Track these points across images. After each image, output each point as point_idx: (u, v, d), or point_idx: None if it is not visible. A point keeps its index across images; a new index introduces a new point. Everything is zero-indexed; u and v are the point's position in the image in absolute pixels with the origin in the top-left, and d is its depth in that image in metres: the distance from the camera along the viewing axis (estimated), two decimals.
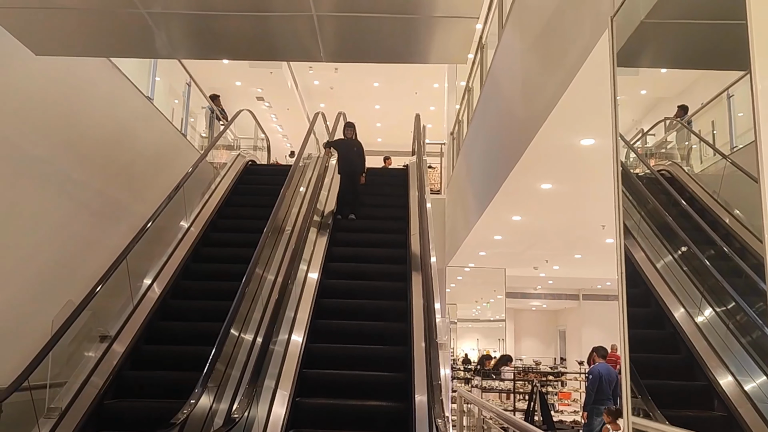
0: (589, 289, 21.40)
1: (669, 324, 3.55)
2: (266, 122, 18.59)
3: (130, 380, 5.59)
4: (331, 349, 5.92)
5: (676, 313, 3.53)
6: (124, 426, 4.90)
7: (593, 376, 8.83)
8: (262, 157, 13.01)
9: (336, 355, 5.88)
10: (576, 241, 10.97)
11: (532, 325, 26.90)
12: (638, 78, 4.34)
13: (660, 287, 3.69)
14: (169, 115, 9.21)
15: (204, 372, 4.64)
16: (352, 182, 8.86)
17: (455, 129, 12.40)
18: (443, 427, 3.43)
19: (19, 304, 5.35)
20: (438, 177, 14.28)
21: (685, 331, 3.41)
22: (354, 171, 8.93)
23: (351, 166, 8.92)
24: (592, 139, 5.50)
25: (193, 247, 7.58)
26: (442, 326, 5.21)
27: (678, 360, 3.49)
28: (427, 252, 6.14)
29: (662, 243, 3.82)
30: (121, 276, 5.98)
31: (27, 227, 5.52)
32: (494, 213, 8.54)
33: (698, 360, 3.21)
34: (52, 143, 5.88)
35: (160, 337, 6.18)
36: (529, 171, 6.54)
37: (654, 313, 3.70)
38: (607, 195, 4.04)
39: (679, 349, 3.44)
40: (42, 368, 4.71)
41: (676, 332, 3.47)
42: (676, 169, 3.86)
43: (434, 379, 4.32)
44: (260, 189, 9.43)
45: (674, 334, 3.49)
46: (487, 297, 17.83)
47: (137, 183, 7.74)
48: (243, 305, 5.57)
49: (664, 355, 3.71)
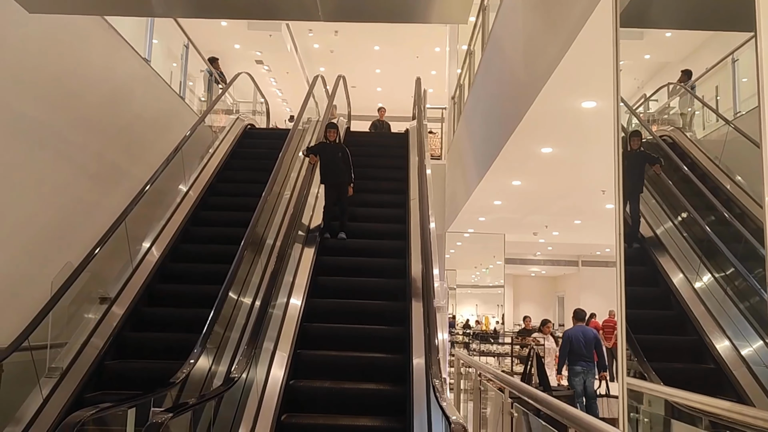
0: (588, 256, 21.46)
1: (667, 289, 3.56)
2: (265, 86, 18.42)
3: (130, 341, 5.64)
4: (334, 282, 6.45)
5: (675, 278, 3.53)
6: (124, 385, 4.95)
7: (563, 339, 9.15)
8: (262, 121, 12.91)
9: (338, 286, 6.39)
10: (576, 207, 10.96)
11: (531, 291, 27.08)
12: (642, 42, 4.27)
13: (659, 252, 3.69)
14: (167, 78, 9.10)
15: (203, 332, 4.68)
16: (337, 194, 7.48)
17: (456, 93, 12.27)
18: (440, 388, 3.46)
19: (18, 266, 5.36)
20: (438, 142, 14.19)
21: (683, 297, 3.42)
22: (340, 181, 7.51)
23: (335, 175, 7.51)
24: (593, 101, 5.44)
25: (192, 210, 7.58)
26: (440, 290, 5.23)
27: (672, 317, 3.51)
28: (426, 217, 6.12)
29: (662, 209, 3.82)
30: (120, 239, 5.99)
31: (25, 189, 5.50)
32: (494, 178, 8.51)
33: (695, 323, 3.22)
34: (48, 105, 5.82)
35: (159, 299, 6.22)
36: (529, 135, 6.49)
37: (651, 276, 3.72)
38: (607, 159, 4.01)
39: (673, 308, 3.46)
40: (42, 329, 4.74)
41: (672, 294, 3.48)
42: (678, 135, 3.83)
43: (432, 340, 4.34)
44: (259, 153, 9.38)
45: (669, 292, 3.52)
46: (486, 263, 17.90)
47: (135, 146, 7.69)
48: (241, 268, 5.59)
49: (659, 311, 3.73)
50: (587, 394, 8.71)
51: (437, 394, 3.45)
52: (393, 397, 4.87)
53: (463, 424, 2.68)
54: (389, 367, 5.27)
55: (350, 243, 7.25)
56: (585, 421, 2.03)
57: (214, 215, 7.76)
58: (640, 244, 3.75)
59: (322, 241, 7.02)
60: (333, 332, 5.70)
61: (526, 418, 3.44)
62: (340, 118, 10.75)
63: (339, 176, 7.49)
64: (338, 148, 7.67)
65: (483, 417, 5.26)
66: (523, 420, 3.47)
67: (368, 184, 8.60)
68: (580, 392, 8.72)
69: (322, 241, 7.03)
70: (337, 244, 7.20)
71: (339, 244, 7.19)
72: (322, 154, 7.61)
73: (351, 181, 7.57)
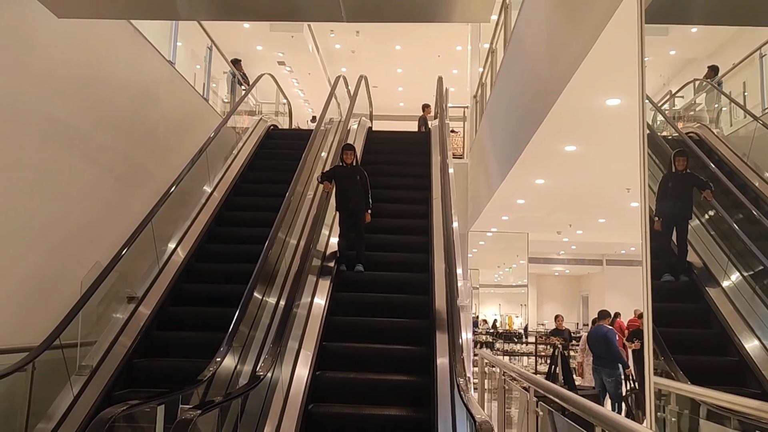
0: (612, 255, 21.22)
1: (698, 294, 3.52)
2: (288, 87, 18.53)
3: (158, 340, 5.73)
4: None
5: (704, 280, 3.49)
6: (152, 383, 5.02)
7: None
8: (284, 122, 13.00)
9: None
10: (600, 205, 10.85)
11: (555, 291, 26.85)
12: (668, 38, 4.22)
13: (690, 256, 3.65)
14: (191, 80, 9.21)
15: (229, 330, 4.74)
16: (354, 222, 6.86)
17: (478, 92, 12.23)
18: (464, 386, 3.47)
19: (48, 265, 5.48)
20: (461, 141, 14.15)
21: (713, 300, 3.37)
22: (356, 208, 6.86)
23: (352, 201, 6.85)
24: (617, 99, 5.39)
25: (216, 211, 7.67)
26: (463, 289, 5.23)
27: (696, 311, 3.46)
28: (449, 216, 6.13)
29: None
30: (147, 239, 6.08)
31: (54, 191, 5.61)
32: (517, 176, 8.46)
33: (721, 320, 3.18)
34: (76, 107, 5.93)
35: (185, 298, 6.31)
36: (553, 133, 6.45)
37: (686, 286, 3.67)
38: (632, 157, 3.97)
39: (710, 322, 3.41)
40: (72, 328, 4.84)
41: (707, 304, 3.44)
42: (704, 132, 3.78)
43: (455, 339, 4.35)
44: (282, 153, 9.46)
45: (707, 308, 3.45)
46: (509, 262, 17.79)
47: (161, 148, 7.80)
48: (266, 268, 5.65)
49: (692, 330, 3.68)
50: (609, 394, 8.70)
51: (461, 392, 3.46)
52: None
53: (489, 422, 2.68)
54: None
55: (374, 238, 7.27)
56: (609, 419, 2.03)
57: (239, 215, 7.84)
58: (689, 276, 3.49)
59: (338, 274, 6.59)
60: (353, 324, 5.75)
61: (551, 417, 3.42)
62: (362, 118, 10.78)
63: (355, 202, 6.84)
64: (356, 172, 6.98)
65: (507, 416, 5.25)
66: (549, 419, 3.46)
67: (392, 181, 8.75)
68: (599, 390, 8.83)
69: (338, 273, 6.59)
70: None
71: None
72: (338, 178, 6.96)
73: (369, 207, 6.94)
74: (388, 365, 5.39)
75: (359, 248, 6.77)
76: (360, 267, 6.66)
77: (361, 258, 6.72)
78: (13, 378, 4.34)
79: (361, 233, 6.83)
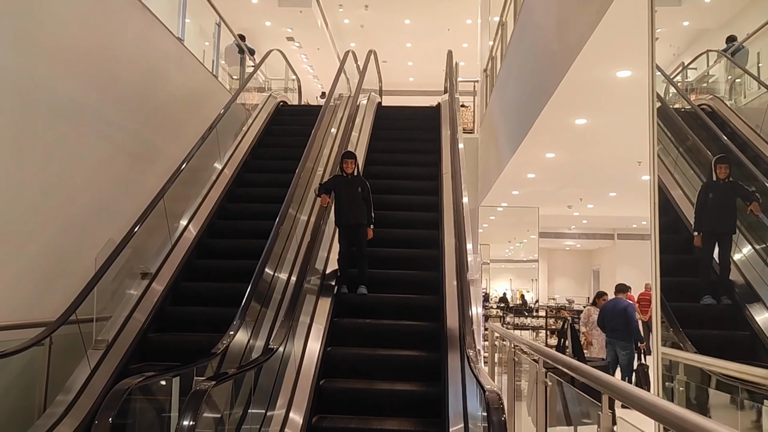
0: (624, 229, 21.17)
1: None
2: (297, 63, 18.45)
3: (171, 315, 5.81)
4: None
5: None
6: (167, 357, 5.11)
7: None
8: (293, 98, 12.97)
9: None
10: (611, 179, 10.80)
11: (566, 265, 26.87)
12: (680, 8, 4.16)
13: None
14: (200, 56, 9.19)
15: (242, 304, 4.80)
16: (356, 238, 6.16)
17: (488, 66, 12.13)
18: (474, 358, 3.51)
19: (62, 243, 5.55)
20: (471, 116, 14.07)
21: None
22: (357, 223, 6.17)
23: (352, 216, 6.17)
24: (628, 71, 5.34)
25: (227, 187, 7.71)
26: (473, 263, 5.26)
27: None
28: (459, 191, 6.13)
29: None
30: (159, 216, 6.14)
31: (67, 169, 5.65)
32: (528, 150, 8.44)
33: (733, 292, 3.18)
34: (86, 85, 5.95)
35: (197, 274, 6.38)
36: (563, 106, 6.41)
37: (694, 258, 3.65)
38: (643, 130, 3.94)
39: None
40: (88, 303, 4.92)
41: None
42: (717, 104, 3.75)
43: (465, 311, 4.40)
44: (292, 130, 9.46)
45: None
46: (520, 237, 17.80)
47: (171, 125, 7.82)
48: (277, 244, 5.69)
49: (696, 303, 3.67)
50: (620, 366, 8.77)
51: (471, 363, 3.50)
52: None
53: (498, 392, 2.72)
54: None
55: (388, 215, 7.24)
56: (618, 387, 2.05)
57: (249, 192, 7.88)
58: (731, 297, 3.18)
59: (338, 295, 6.00)
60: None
61: (561, 387, 3.47)
62: (372, 93, 10.73)
63: (356, 216, 6.16)
64: (357, 182, 6.30)
65: (517, 389, 5.30)
66: (557, 389, 3.50)
67: (401, 157, 8.76)
68: (611, 362, 8.87)
69: (338, 295, 6.00)
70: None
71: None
72: (338, 189, 6.26)
73: (371, 222, 6.29)
74: (401, 341, 5.48)
75: (361, 267, 6.12)
76: (363, 289, 6.03)
77: (363, 278, 6.09)
78: (31, 352, 4.44)
79: (363, 250, 6.15)
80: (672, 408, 1.60)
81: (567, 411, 3.51)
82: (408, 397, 4.82)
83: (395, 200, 7.62)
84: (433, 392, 4.72)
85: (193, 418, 2.87)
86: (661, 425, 2.83)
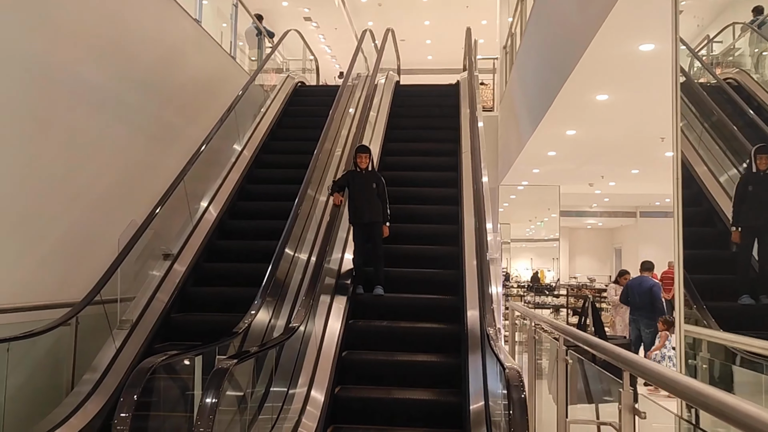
0: (646, 206, 20.89)
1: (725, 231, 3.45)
2: (314, 43, 18.34)
3: (193, 296, 5.89)
4: None
5: None
6: (189, 337, 5.18)
7: (623, 289, 9.50)
8: (312, 79, 12.93)
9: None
10: (633, 156, 10.64)
11: (587, 244, 26.65)
12: None
13: (723, 202, 3.57)
14: (217, 38, 9.19)
15: (263, 284, 4.84)
16: (371, 236, 5.90)
17: (508, 43, 11.96)
18: (494, 336, 3.51)
19: (86, 225, 5.62)
20: (490, 94, 13.92)
21: None
22: (372, 221, 5.88)
23: (366, 213, 5.87)
24: (651, 44, 5.23)
25: (247, 169, 7.75)
26: (493, 243, 5.23)
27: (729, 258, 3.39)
28: (479, 169, 6.09)
29: (726, 155, 3.69)
30: (180, 198, 6.19)
31: (88, 152, 5.71)
32: (548, 128, 8.34)
33: None
34: (104, 68, 5.98)
35: (219, 255, 6.45)
36: (584, 82, 6.31)
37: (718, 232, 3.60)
38: (666, 105, 3.87)
39: None
40: (112, 284, 5.00)
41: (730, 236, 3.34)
42: (743, 77, 3.66)
43: (485, 290, 4.39)
44: (310, 110, 9.44)
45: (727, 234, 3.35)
46: (541, 216, 17.68)
47: (190, 107, 7.85)
48: (297, 224, 5.72)
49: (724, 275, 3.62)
50: (644, 344, 8.73)
51: (491, 341, 3.50)
52: None
53: (518, 369, 2.72)
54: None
55: (407, 191, 7.27)
56: (639, 364, 2.04)
57: (269, 173, 7.91)
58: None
59: (354, 296, 5.77)
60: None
61: (581, 365, 3.45)
62: (390, 72, 10.66)
63: (371, 213, 5.87)
64: (372, 178, 5.99)
65: (538, 367, 5.30)
66: (579, 367, 3.48)
67: (420, 134, 8.80)
68: (634, 340, 8.89)
69: (354, 296, 5.76)
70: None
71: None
72: (352, 186, 5.99)
73: (387, 219, 5.98)
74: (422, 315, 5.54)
75: (378, 267, 5.85)
76: (380, 290, 5.76)
77: (380, 278, 5.82)
78: (58, 332, 4.53)
79: (379, 250, 5.87)
80: (694, 384, 1.59)
81: (588, 389, 3.50)
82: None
83: (415, 177, 7.67)
84: (454, 363, 4.77)
85: (215, 395, 2.91)
86: (684, 402, 2.81)
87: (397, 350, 5.13)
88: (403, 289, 5.88)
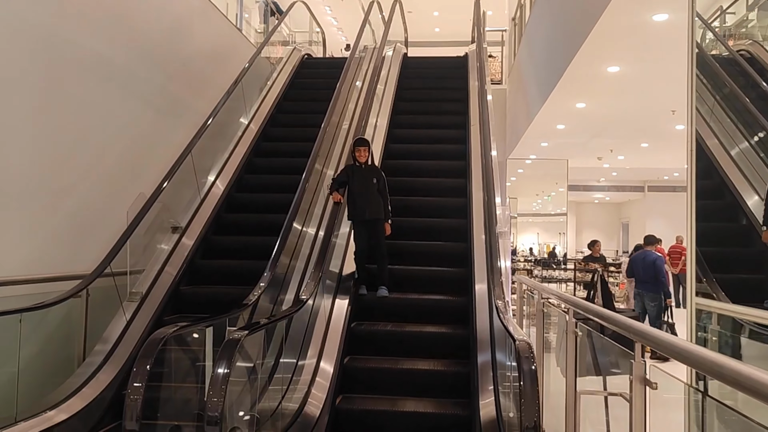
0: (655, 181, 20.81)
1: (743, 215, 3.44)
2: (321, 15, 18.13)
3: (202, 268, 5.91)
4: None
5: (750, 201, 3.41)
6: (199, 309, 5.22)
7: (628, 263, 9.65)
8: (318, 51, 12.82)
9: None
10: (643, 129, 10.57)
11: (595, 218, 26.63)
12: None
13: (734, 175, 3.54)
14: (224, 10, 9.10)
15: (272, 257, 4.86)
16: (374, 234, 5.56)
17: (517, 14, 11.81)
18: (503, 308, 3.51)
19: (95, 198, 5.63)
20: (499, 66, 13.78)
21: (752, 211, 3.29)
22: (373, 218, 5.55)
23: (367, 211, 5.53)
24: (665, 14, 5.14)
25: (254, 142, 7.73)
26: (502, 216, 5.22)
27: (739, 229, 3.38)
28: (488, 143, 6.05)
29: (738, 128, 3.65)
30: (187, 171, 6.18)
31: (96, 125, 5.70)
32: (557, 101, 8.27)
33: None
34: (111, 40, 5.93)
35: (227, 228, 6.46)
36: (595, 53, 6.23)
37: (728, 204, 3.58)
38: (679, 77, 3.81)
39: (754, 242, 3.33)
40: (121, 257, 5.02)
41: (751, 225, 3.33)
42: (756, 49, 3.60)
43: (493, 263, 4.39)
44: (317, 83, 9.38)
45: (749, 227, 3.34)
46: (548, 190, 17.63)
47: (197, 79, 7.80)
48: (305, 198, 5.71)
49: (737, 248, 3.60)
50: (649, 317, 8.78)
51: (501, 314, 3.50)
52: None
53: (528, 341, 2.72)
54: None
55: (414, 164, 7.23)
56: (651, 335, 2.03)
57: (276, 146, 7.88)
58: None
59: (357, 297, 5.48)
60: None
61: (590, 338, 3.46)
62: (397, 44, 10.55)
63: (371, 210, 5.53)
64: (372, 173, 5.68)
65: (545, 341, 5.32)
66: (588, 340, 3.49)
67: (428, 106, 8.76)
68: (639, 313, 8.92)
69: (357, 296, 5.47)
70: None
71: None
72: (351, 182, 5.65)
73: (388, 216, 5.66)
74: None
75: (381, 265, 5.56)
76: (384, 291, 5.47)
77: (384, 279, 5.54)
78: (69, 304, 4.56)
79: (382, 249, 5.55)
80: (707, 354, 1.58)
81: (596, 361, 3.52)
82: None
83: (423, 150, 7.67)
84: (462, 334, 4.82)
85: (227, 366, 2.94)
86: (694, 372, 2.81)
87: (407, 321, 5.22)
88: (409, 262, 5.90)
